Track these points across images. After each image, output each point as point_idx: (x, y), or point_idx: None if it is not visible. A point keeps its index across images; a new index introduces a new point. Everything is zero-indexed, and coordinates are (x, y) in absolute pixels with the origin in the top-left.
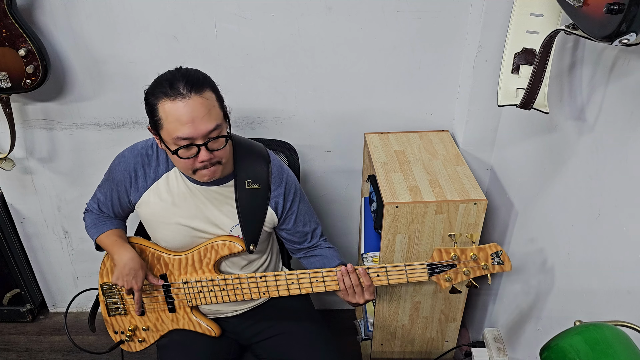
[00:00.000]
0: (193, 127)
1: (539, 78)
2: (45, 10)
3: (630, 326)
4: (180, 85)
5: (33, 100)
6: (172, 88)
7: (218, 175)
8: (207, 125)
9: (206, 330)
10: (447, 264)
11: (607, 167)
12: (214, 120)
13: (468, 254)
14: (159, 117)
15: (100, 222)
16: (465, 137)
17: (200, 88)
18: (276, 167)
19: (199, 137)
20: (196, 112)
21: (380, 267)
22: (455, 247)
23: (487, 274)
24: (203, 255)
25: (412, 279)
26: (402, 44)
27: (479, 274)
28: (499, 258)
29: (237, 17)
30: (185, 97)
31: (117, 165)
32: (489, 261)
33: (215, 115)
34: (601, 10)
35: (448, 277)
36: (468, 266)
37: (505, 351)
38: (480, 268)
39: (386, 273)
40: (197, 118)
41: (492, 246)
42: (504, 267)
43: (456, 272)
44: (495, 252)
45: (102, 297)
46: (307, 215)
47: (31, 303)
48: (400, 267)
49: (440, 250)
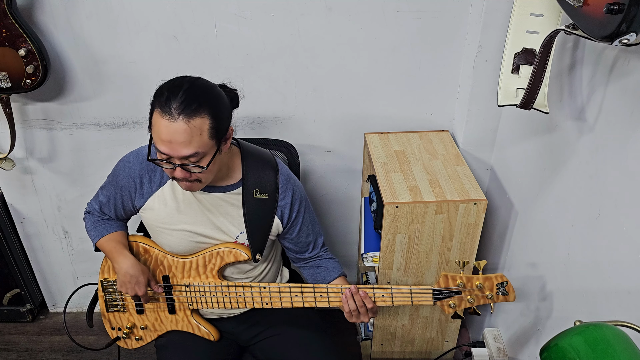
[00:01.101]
0: (170, 147)
1: (539, 78)
2: (45, 10)
3: (630, 326)
4: (173, 104)
5: (33, 100)
6: (166, 103)
7: (196, 189)
8: (184, 151)
9: (205, 334)
10: (453, 291)
11: (607, 167)
12: (193, 148)
13: (474, 283)
14: (151, 121)
15: (100, 225)
16: (465, 137)
17: (193, 113)
18: (284, 176)
19: (175, 158)
20: (176, 136)
21: (385, 288)
22: (462, 275)
23: (491, 304)
24: (208, 261)
25: (416, 302)
26: (402, 44)
27: (483, 302)
28: (504, 288)
29: (237, 17)
30: (172, 117)
31: (122, 171)
32: (493, 291)
33: (198, 143)
34: (601, 10)
35: (452, 303)
36: (473, 294)
37: (505, 351)
38: (484, 297)
39: (391, 294)
40: (175, 142)
41: (497, 276)
42: (508, 297)
43: (460, 299)
44: (501, 282)
45: (101, 293)
46: (311, 225)
47: (31, 303)
48: (406, 289)
49: (447, 277)
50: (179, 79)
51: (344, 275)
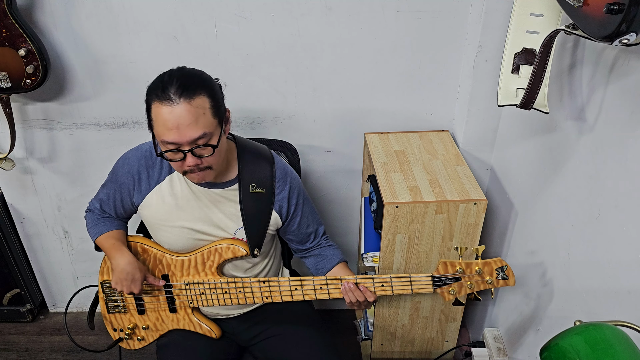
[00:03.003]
0: (178, 133)
1: (539, 78)
2: (45, 10)
3: (630, 326)
4: (171, 90)
5: (33, 100)
6: (164, 91)
7: (209, 179)
8: (192, 133)
9: (206, 331)
10: (452, 277)
11: (607, 167)
12: (200, 129)
13: (473, 268)
14: (151, 117)
15: (100, 223)
16: (465, 137)
17: (192, 94)
18: (280, 170)
19: (185, 144)
20: (182, 119)
21: (385, 277)
22: (460, 261)
23: (491, 288)
24: (206, 258)
25: (416, 290)
26: (402, 44)
27: (483, 287)
28: (504, 273)
29: (237, 17)
30: (173, 102)
31: (121, 167)
32: (493, 275)
33: (203, 123)
34: (601, 10)
35: (452, 290)
36: (472, 280)
37: (505, 351)
38: (484, 282)
39: (391, 283)
40: (182, 125)
41: (497, 261)
42: (508, 282)
43: (460, 286)
44: (500, 267)
45: (102, 295)
46: (311, 216)
47: (31, 303)
48: (405, 278)
49: (445, 263)
50: (165, 72)
51: (344, 261)
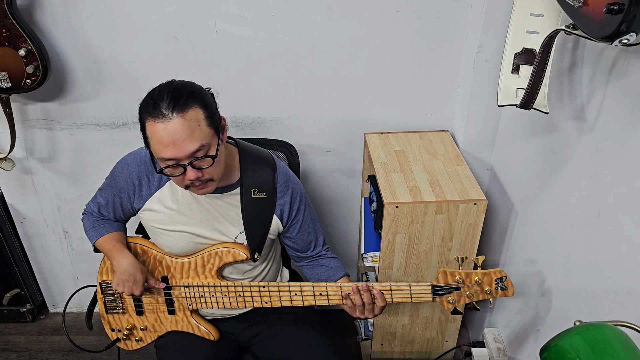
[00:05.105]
0: (175, 148)
1: (539, 78)
2: (45, 10)
3: (630, 326)
4: (162, 105)
5: (33, 100)
6: (155, 107)
7: (212, 189)
8: (189, 147)
9: (205, 334)
10: (452, 287)
11: (607, 167)
12: (197, 141)
13: (473, 278)
14: (146, 135)
15: (99, 225)
16: (465, 137)
17: (184, 107)
18: (282, 175)
19: (183, 158)
20: (177, 134)
21: (385, 285)
22: (460, 270)
23: (490, 299)
24: (206, 261)
25: (416, 299)
26: (402, 44)
27: (482, 298)
28: (503, 284)
29: (237, 17)
30: (166, 118)
31: (120, 173)
32: (492, 286)
33: (199, 135)
34: (601, 10)
35: (451, 299)
36: (472, 290)
37: (505, 351)
38: (483, 292)
39: (390, 292)
40: (178, 140)
41: (496, 271)
42: (507, 292)
43: (459, 295)
44: (500, 277)
45: (100, 295)
46: (312, 223)
47: (31, 303)
48: (405, 286)
49: (445, 273)
50: (155, 88)
51: (347, 275)
